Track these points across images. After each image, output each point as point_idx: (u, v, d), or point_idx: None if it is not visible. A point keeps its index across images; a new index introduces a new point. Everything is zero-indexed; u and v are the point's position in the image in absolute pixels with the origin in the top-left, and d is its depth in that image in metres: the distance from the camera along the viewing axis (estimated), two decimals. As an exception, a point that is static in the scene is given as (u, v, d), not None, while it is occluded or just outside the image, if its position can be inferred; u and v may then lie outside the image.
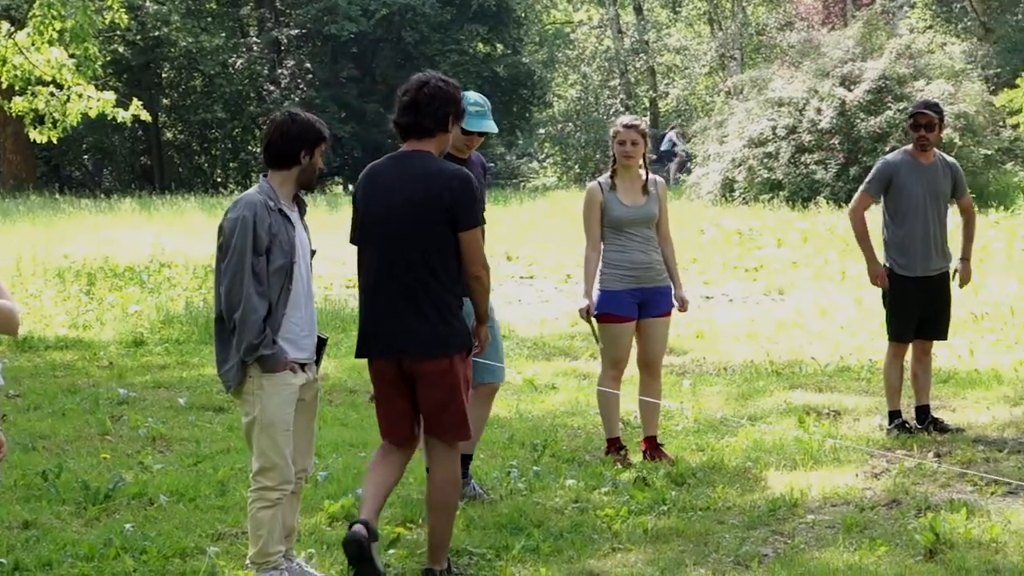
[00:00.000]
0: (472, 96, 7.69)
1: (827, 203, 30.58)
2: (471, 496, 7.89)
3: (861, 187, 9.97)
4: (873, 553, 6.73)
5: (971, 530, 7.00)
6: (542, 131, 56.35)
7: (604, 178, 8.95)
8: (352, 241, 6.76)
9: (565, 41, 59.19)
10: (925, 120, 9.64)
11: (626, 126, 8.84)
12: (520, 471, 8.47)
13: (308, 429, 6.58)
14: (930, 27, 48.74)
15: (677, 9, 58.22)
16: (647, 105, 55.90)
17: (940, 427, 9.63)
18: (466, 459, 7.83)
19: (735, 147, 34.05)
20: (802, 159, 32.35)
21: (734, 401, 10.73)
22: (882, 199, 9.77)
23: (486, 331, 6.82)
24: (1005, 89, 34.63)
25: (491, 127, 7.86)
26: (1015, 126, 32.97)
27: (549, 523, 7.45)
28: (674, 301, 9.00)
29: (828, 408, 10.51)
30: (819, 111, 33.33)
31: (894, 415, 9.71)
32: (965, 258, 9.89)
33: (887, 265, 9.72)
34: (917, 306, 9.65)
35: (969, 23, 51.50)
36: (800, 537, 7.13)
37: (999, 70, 44.30)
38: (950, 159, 9.84)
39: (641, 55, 54.51)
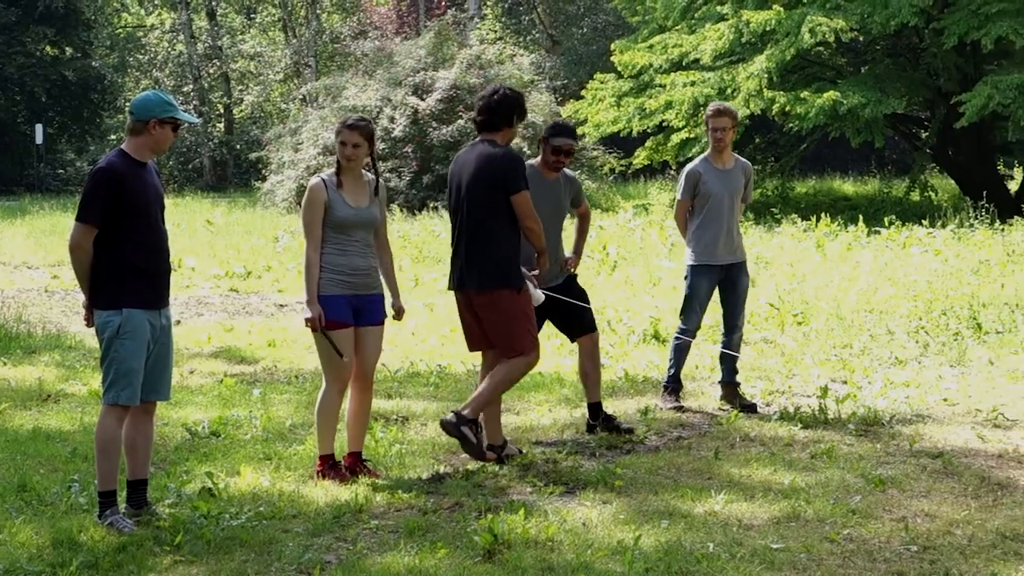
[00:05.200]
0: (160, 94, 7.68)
1: (401, 211, 30.95)
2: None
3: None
4: (434, 556, 6.81)
5: (528, 530, 7.17)
6: (113, 137, 54.96)
7: (328, 175, 8.53)
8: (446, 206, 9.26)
9: (137, 45, 57.95)
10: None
11: (348, 126, 8.43)
12: (82, 485, 8.19)
13: None
14: (500, 38, 50.02)
15: (251, 15, 57.86)
16: (221, 111, 55.30)
17: (613, 426, 9.87)
18: (142, 484, 7.72)
19: (310, 155, 34.08)
20: (376, 167, 32.59)
21: (304, 409, 10.68)
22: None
23: (546, 259, 9.05)
24: (571, 100, 35.90)
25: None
26: (581, 136, 34.26)
27: (110, 537, 7.22)
28: (390, 310, 8.75)
29: (397, 414, 10.60)
30: (392, 119, 33.76)
31: (595, 408, 9.97)
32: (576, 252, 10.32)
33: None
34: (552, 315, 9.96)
35: (537, 35, 53.27)
36: (363, 542, 7.15)
37: (566, 81, 45.94)
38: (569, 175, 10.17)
39: (215, 61, 53.88)
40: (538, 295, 9.09)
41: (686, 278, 10.92)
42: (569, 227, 10.67)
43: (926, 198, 31.51)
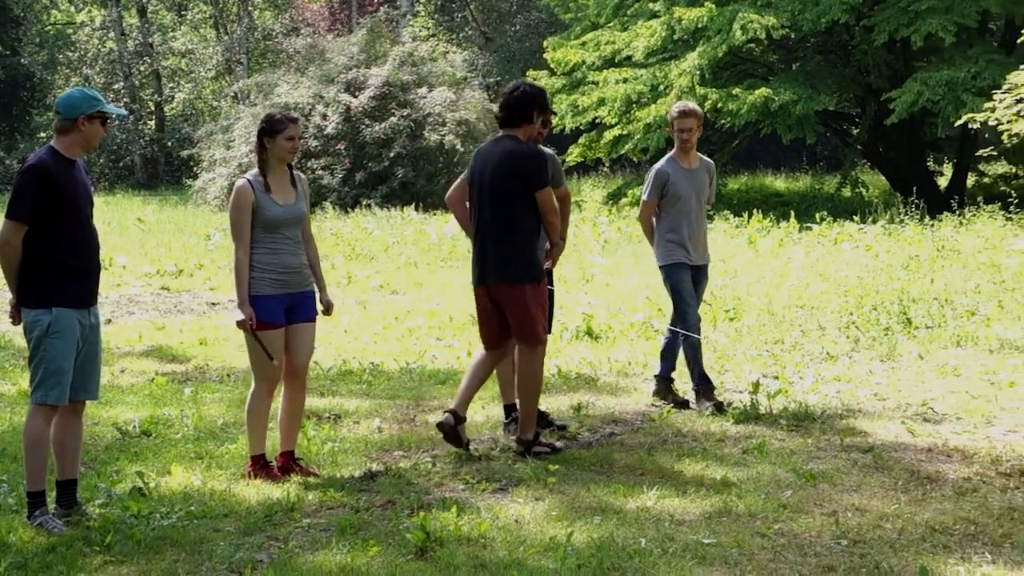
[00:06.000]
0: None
1: (333, 208, 30.84)
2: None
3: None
4: (366, 554, 6.79)
5: (461, 527, 7.16)
6: (43, 134, 54.43)
7: (254, 175, 8.39)
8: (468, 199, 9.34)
9: (67, 42, 57.37)
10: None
11: (292, 121, 8.36)
12: (11, 486, 8.11)
13: None
14: (433, 35, 49.98)
15: (182, 12, 57.45)
16: (152, 109, 54.90)
17: (547, 423, 9.82)
18: (72, 484, 7.62)
19: (242, 152, 33.90)
20: (309, 164, 32.50)
21: (235, 408, 10.61)
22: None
23: (559, 248, 9.46)
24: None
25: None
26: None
27: (39, 538, 7.15)
28: (319, 305, 8.63)
29: (330, 412, 10.56)
30: (325, 117, 33.63)
31: (509, 409, 9.88)
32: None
33: None
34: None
35: (470, 32, 53.21)
36: (295, 541, 7.11)
37: (499, 78, 45.93)
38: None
39: (145, 58, 53.44)
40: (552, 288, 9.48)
41: (667, 279, 10.73)
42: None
43: (857, 194, 31.76)
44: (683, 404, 10.62)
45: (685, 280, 10.64)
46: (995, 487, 8.05)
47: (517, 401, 9.28)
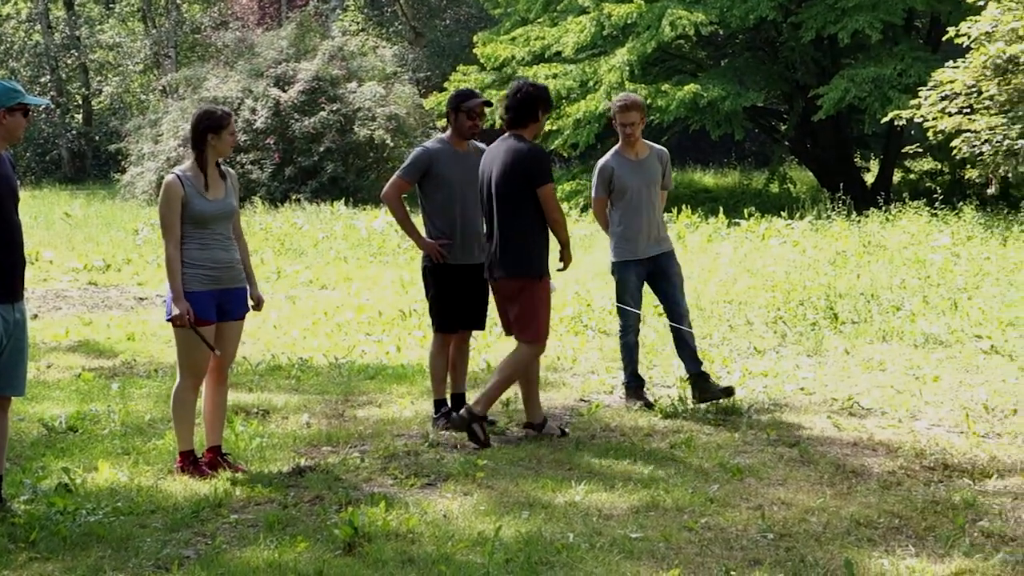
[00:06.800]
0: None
1: (263, 203, 30.72)
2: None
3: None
4: (293, 549, 6.77)
5: (389, 522, 7.15)
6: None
7: (183, 170, 8.28)
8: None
9: (-8, 35, 56.71)
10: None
11: (229, 115, 8.29)
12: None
13: None
14: (363, 30, 49.86)
15: (110, 5, 56.95)
16: (80, 103, 54.39)
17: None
18: None
19: (170, 146, 33.71)
20: (238, 159, 32.35)
21: (163, 403, 10.53)
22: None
23: (569, 253, 9.59)
24: (435, 92, 35.87)
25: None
26: (444, 128, 34.31)
27: (-40, 538, 7.09)
28: (250, 301, 8.56)
29: (258, 407, 10.51)
30: (254, 111, 33.50)
31: (439, 404, 9.87)
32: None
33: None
34: (460, 297, 9.81)
35: (400, 27, 53.13)
36: (223, 537, 7.08)
37: (429, 73, 45.88)
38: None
39: (73, 51, 52.93)
40: (553, 284, 9.56)
41: (613, 273, 10.69)
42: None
43: (785, 190, 32.02)
44: (728, 392, 10.36)
45: (629, 280, 10.53)
46: (919, 481, 8.14)
47: (489, 382, 9.51)
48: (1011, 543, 6.88)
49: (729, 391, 10.36)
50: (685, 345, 10.61)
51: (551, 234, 9.34)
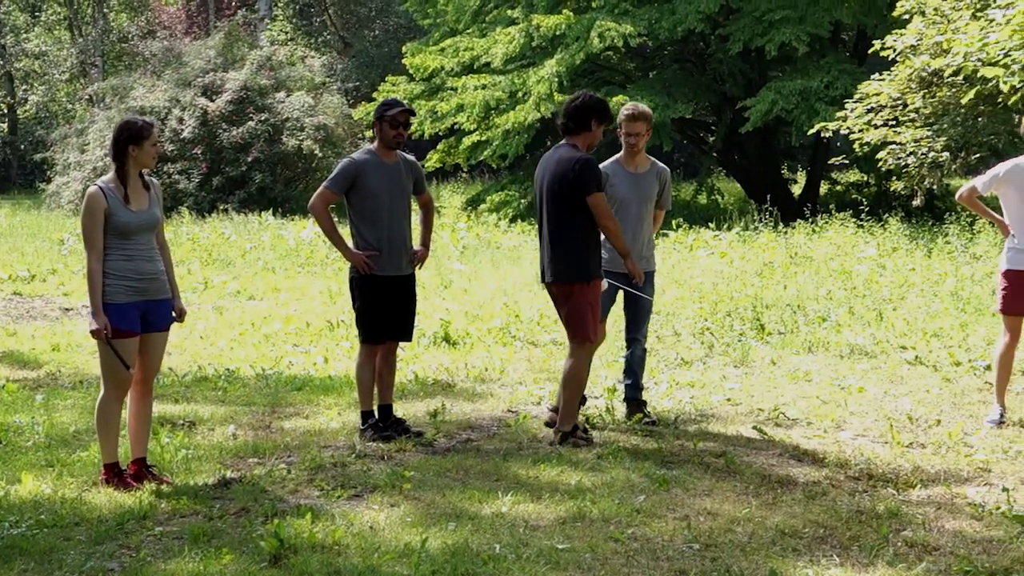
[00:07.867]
0: None
1: (190, 213, 30.53)
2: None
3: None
4: (219, 562, 6.72)
5: (315, 534, 7.12)
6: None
7: (106, 181, 8.17)
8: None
9: (-86, 43, 56.02)
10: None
11: (153, 125, 8.18)
12: None
13: None
14: (291, 40, 49.69)
15: (36, 13, 56.43)
16: (5, 111, 53.85)
17: (402, 429, 9.78)
18: None
19: (96, 156, 33.46)
20: (165, 169, 32.14)
21: (88, 415, 10.44)
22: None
23: (632, 262, 9.78)
24: (363, 102, 35.81)
25: None
26: (372, 139, 34.23)
27: None
28: (173, 313, 8.47)
29: (184, 418, 10.43)
30: (181, 121, 33.31)
31: (367, 415, 9.80)
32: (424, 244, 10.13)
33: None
34: (387, 308, 9.74)
35: (329, 37, 53.03)
36: (147, 549, 7.01)
37: (357, 83, 45.81)
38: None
39: (-3, 59, 52.42)
40: (603, 284, 9.84)
41: None
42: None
43: (713, 201, 32.17)
44: (651, 423, 10.24)
45: (605, 293, 10.08)
46: (844, 490, 8.20)
47: (558, 394, 9.87)
48: (934, 553, 6.95)
49: (654, 423, 10.24)
50: (632, 372, 10.58)
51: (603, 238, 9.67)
